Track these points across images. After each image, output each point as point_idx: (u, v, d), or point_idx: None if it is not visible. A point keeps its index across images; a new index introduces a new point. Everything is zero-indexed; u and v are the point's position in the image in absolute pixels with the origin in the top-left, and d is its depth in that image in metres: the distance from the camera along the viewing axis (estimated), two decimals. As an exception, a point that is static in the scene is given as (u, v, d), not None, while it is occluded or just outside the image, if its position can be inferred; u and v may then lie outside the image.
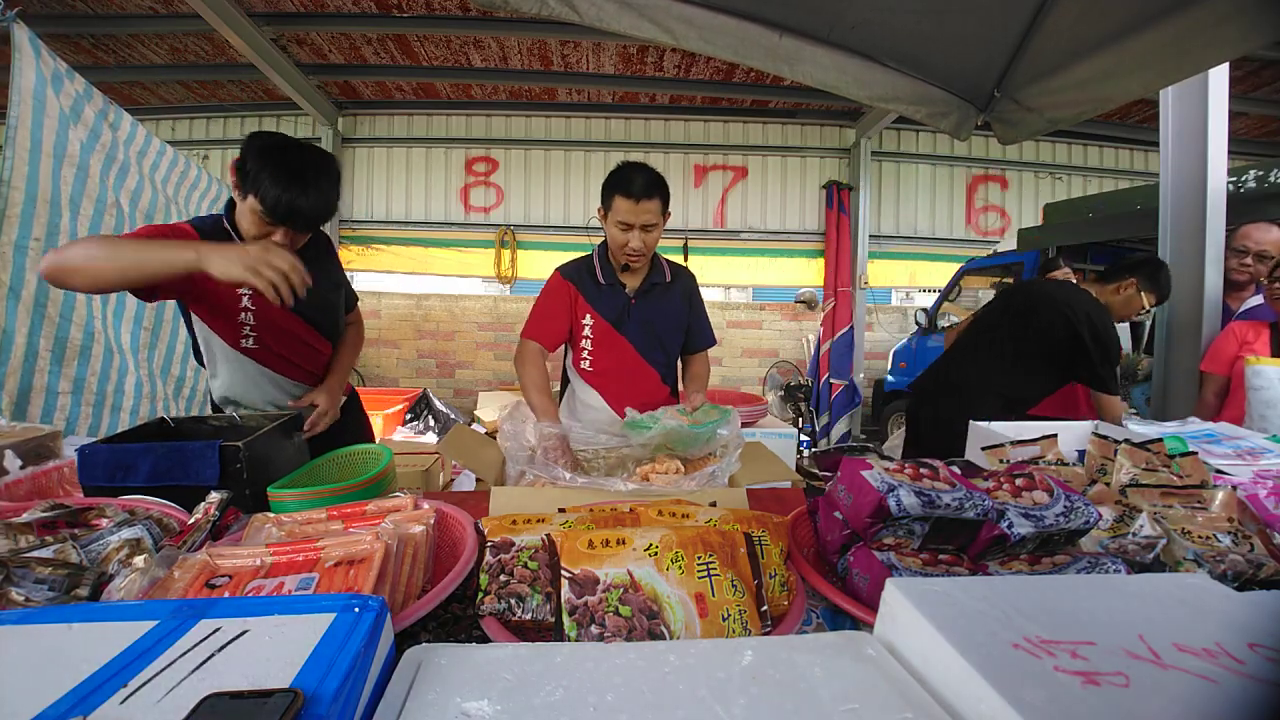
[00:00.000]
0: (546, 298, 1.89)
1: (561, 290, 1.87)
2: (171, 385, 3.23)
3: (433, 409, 5.12)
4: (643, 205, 1.69)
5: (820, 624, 0.82)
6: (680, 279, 1.97)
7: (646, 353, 1.89)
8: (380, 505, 0.96)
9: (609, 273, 1.87)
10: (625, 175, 1.72)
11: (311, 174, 1.38)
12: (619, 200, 1.71)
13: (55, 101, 2.48)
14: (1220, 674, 0.49)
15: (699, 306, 2.01)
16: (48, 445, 1.40)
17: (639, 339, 1.88)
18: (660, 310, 1.91)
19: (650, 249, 1.80)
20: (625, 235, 1.74)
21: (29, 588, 0.72)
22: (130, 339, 2.90)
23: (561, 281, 1.88)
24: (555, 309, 1.87)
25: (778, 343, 7.00)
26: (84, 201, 2.63)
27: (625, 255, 1.79)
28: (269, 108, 6.99)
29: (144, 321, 3.03)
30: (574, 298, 1.86)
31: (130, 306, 2.94)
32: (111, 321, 2.80)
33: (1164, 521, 0.91)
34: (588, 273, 1.88)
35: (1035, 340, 2.29)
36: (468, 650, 0.57)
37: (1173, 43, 1.80)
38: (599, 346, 1.87)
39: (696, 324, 2.00)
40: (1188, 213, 2.61)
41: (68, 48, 5.58)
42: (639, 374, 1.90)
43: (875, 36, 2.23)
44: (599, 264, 1.88)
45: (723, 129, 7.16)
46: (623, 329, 1.87)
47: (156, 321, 3.13)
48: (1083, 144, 7.39)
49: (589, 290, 1.87)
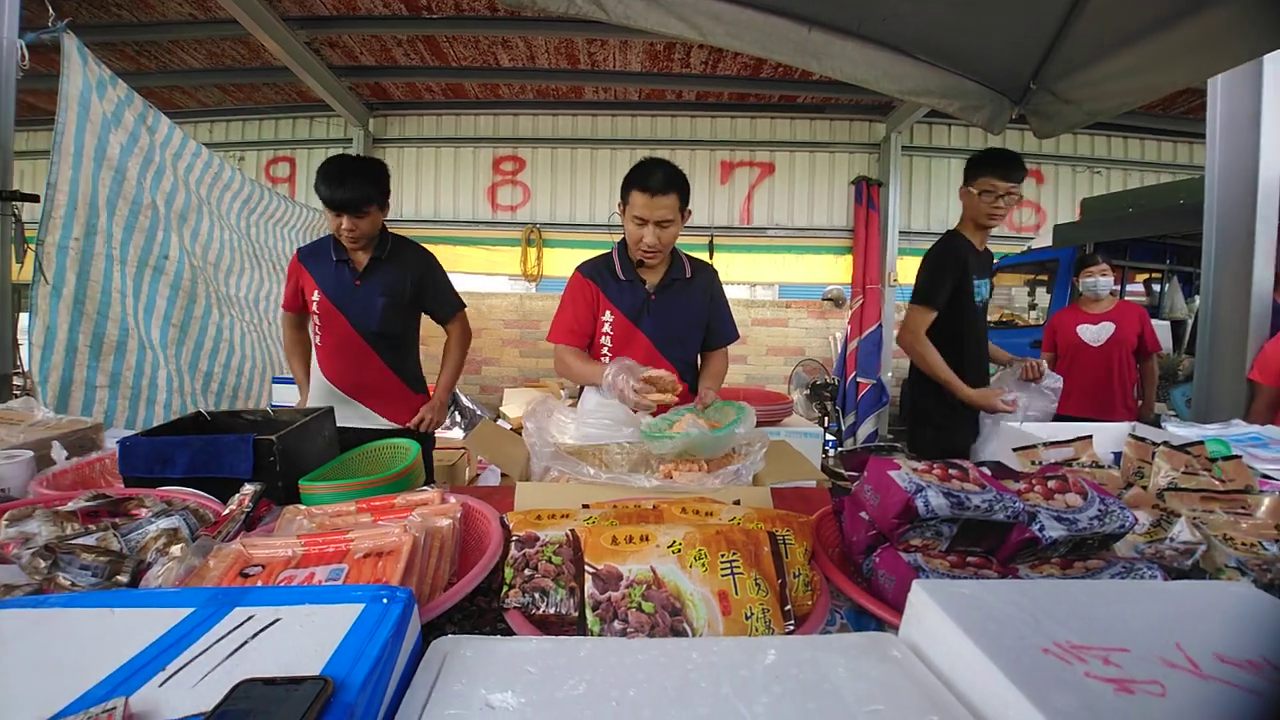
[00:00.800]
0: (570, 298, 1.90)
1: (584, 289, 1.88)
2: (200, 380, 3.33)
3: (459, 405, 5.19)
4: (658, 200, 1.68)
5: (844, 625, 0.82)
6: (701, 275, 1.96)
7: (664, 348, 1.88)
8: (408, 499, 0.98)
9: (628, 268, 1.86)
10: (644, 170, 1.71)
11: (348, 175, 1.89)
12: (635, 195, 1.71)
13: (98, 107, 2.58)
14: (1265, 688, 0.47)
15: (721, 303, 2.00)
16: (90, 437, 1.46)
17: (657, 334, 1.87)
18: (680, 306, 1.90)
19: (667, 245, 1.79)
20: (640, 230, 1.73)
21: (74, 573, 0.75)
22: (160, 335, 3.00)
23: (583, 281, 1.88)
24: (580, 308, 1.87)
25: (804, 341, 6.93)
26: (120, 203, 2.73)
27: (641, 251, 1.78)
28: (302, 110, 7.14)
29: (173, 319, 3.13)
30: (595, 295, 1.87)
31: (160, 304, 3.04)
32: (142, 318, 2.90)
33: (1204, 527, 0.88)
34: (607, 269, 1.88)
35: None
36: (493, 643, 0.58)
37: (1225, 27, 1.71)
38: (618, 342, 1.87)
39: (717, 320, 1.98)
40: (1237, 208, 2.50)
41: (113, 55, 5.78)
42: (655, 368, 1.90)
43: (906, 29, 2.18)
44: (618, 260, 1.88)
45: (750, 125, 7.10)
46: (641, 324, 1.87)
47: (185, 319, 3.22)
48: (1122, 136, 7.15)
49: (609, 287, 1.87)
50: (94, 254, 2.61)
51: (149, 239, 2.92)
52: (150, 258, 2.94)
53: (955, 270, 2.21)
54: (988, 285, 2.32)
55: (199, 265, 3.33)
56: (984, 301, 2.29)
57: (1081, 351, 3.35)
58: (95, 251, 2.61)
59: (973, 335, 2.29)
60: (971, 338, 2.29)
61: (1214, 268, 2.59)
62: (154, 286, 2.98)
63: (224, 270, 3.70)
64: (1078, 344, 3.37)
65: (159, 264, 3.00)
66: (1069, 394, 3.35)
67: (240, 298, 3.91)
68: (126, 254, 2.78)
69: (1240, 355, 2.45)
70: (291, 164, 7.34)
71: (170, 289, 3.08)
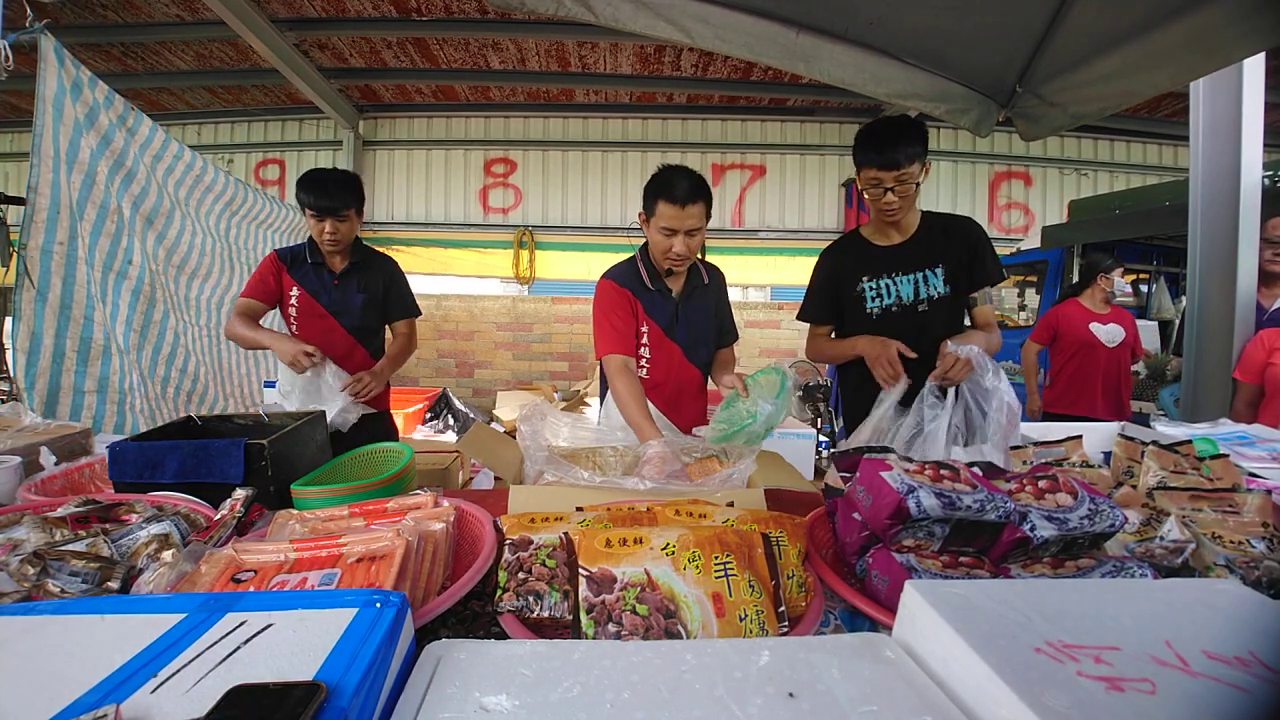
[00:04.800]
0: (611, 307, 1.83)
1: (624, 299, 1.83)
2: (158, 385, 3.29)
3: (452, 408, 5.17)
4: (688, 210, 1.66)
5: (838, 625, 0.82)
6: (715, 278, 1.98)
7: (692, 355, 1.90)
8: (401, 503, 0.97)
9: (655, 278, 1.85)
10: (669, 180, 1.67)
11: (329, 183, 2.06)
12: (663, 205, 1.67)
13: (71, 109, 2.56)
14: (1253, 684, 0.47)
15: (726, 303, 2.03)
16: (80, 442, 1.45)
17: (686, 343, 1.88)
18: (702, 313, 1.92)
19: (694, 253, 1.77)
20: (669, 240, 1.70)
21: (64, 579, 0.75)
22: (124, 340, 2.97)
23: (619, 290, 1.84)
24: (625, 316, 1.83)
25: (796, 342, 6.95)
26: (88, 207, 2.71)
27: (669, 260, 1.75)
28: (292, 112, 7.11)
29: (133, 323, 3.08)
30: (635, 305, 1.84)
31: (122, 308, 3.00)
32: (110, 323, 2.88)
33: (1193, 525, 0.89)
34: (636, 279, 1.86)
35: None
36: (486, 646, 0.58)
37: (1203, 34, 1.75)
38: (655, 354, 1.87)
39: (726, 321, 2.02)
40: (1220, 209, 2.54)
41: (99, 56, 5.73)
42: (685, 376, 1.90)
43: (892, 32, 2.20)
44: (644, 268, 1.85)
45: (740, 128, 7.13)
46: (673, 335, 1.87)
47: (145, 323, 3.18)
48: (1109, 139, 7.24)
49: (642, 297, 1.85)
50: (77, 259, 2.58)
51: (114, 244, 2.90)
52: (115, 262, 2.91)
53: (827, 278, 1.93)
54: (909, 282, 1.82)
55: (157, 270, 3.28)
56: (897, 303, 1.83)
57: (1096, 351, 3.34)
58: (78, 256, 2.59)
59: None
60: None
61: (1199, 269, 2.63)
62: (118, 292, 2.96)
63: (188, 273, 3.65)
64: (1091, 342, 3.35)
65: (123, 269, 2.97)
66: (1077, 393, 3.38)
67: (204, 301, 3.86)
68: (94, 259, 2.75)
69: (1226, 355, 2.48)
70: (281, 166, 7.30)
71: (132, 295, 3.05)
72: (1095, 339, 3.35)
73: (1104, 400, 3.32)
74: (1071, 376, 3.41)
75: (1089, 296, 3.46)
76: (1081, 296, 3.50)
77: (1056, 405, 3.47)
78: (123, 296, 2.99)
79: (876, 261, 1.86)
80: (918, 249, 1.84)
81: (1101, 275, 3.42)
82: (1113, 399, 3.34)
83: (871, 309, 1.85)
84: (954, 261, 1.79)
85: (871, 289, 1.85)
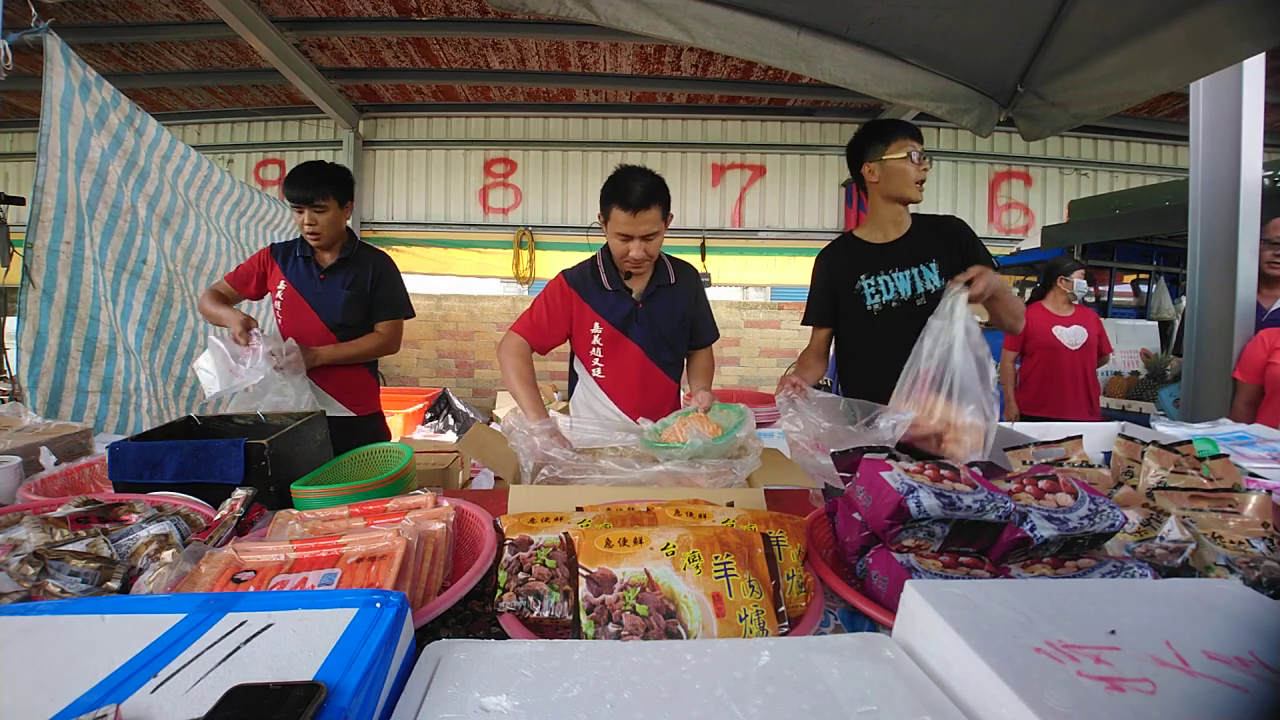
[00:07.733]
0: (546, 303, 1.86)
1: (564, 298, 1.84)
2: (172, 385, 3.29)
3: (452, 408, 5.17)
4: (640, 216, 1.64)
5: (838, 626, 0.82)
6: (684, 276, 1.95)
7: (654, 355, 1.88)
8: (401, 503, 0.97)
9: (614, 278, 1.84)
10: (622, 185, 1.65)
11: (306, 173, 2.08)
12: (616, 211, 1.66)
13: (81, 109, 2.56)
14: (1253, 684, 0.47)
15: (703, 303, 2.00)
16: (80, 442, 1.45)
17: (646, 342, 1.86)
18: (667, 312, 1.89)
19: (652, 257, 1.76)
20: (625, 245, 1.70)
21: (64, 579, 0.75)
22: (135, 339, 2.98)
23: (566, 289, 1.85)
24: (554, 315, 1.84)
25: (797, 342, 6.94)
26: (100, 206, 2.70)
27: (627, 264, 1.76)
28: (291, 112, 7.11)
29: (148, 323, 3.09)
30: (578, 306, 1.84)
31: (135, 308, 3.01)
32: (120, 323, 2.88)
33: (1193, 525, 0.89)
34: (593, 278, 1.85)
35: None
36: (486, 646, 0.58)
37: (1203, 34, 1.75)
38: (609, 353, 1.86)
39: (701, 321, 1.98)
40: (1220, 210, 2.54)
41: (99, 56, 5.72)
42: (648, 376, 1.88)
43: (894, 32, 2.20)
44: (604, 269, 1.85)
45: (740, 128, 7.12)
46: (630, 334, 1.85)
47: (161, 323, 3.19)
48: (1109, 139, 7.24)
49: (593, 297, 1.84)
50: (84, 259, 2.58)
51: (127, 243, 2.89)
52: (128, 262, 2.91)
53: (825, 279, 1.91)
54: (905, 277, 1.80)
55: (175, 270, 3.29)
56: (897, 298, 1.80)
57: (1059, 353, 3.38)
58: (85, 256, 2.59)
59: (870, 342, 1.87)
60: (869, 345, 1.87)
61: (1199, 269, 2.63)
62: (130, 291, 2.96)
63: (206, 273, 3.66)
64: (1055, 345, 3.39)
65: (136, 269, 2.97)
66: (1046, 395, 3.41)
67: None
68: (104, 258, 2.75)
69: (1226, 355, 2.48)
70: (281, 166, 7.30)
71: (146, 294, 3.05)
72: (1059, 342, 3.38)
73: (1071, 401, 3.36)
74: (1040, 380, 3.44)
75: (1051, 300, 3.49)
76: (1045, 300, 3.52)
77: (1028, 408, 3.51)
78: (136, 296, 2.99)
79: (872, 259, 1.85)
80: (911, 245, 1.83)
81: (1061, 278, 3.46)
82: (1081, 399, 3.38)
83: (872, 305, 1.83)
84: (946, 256, 1.79)
85: (870, 286, 1.83)
